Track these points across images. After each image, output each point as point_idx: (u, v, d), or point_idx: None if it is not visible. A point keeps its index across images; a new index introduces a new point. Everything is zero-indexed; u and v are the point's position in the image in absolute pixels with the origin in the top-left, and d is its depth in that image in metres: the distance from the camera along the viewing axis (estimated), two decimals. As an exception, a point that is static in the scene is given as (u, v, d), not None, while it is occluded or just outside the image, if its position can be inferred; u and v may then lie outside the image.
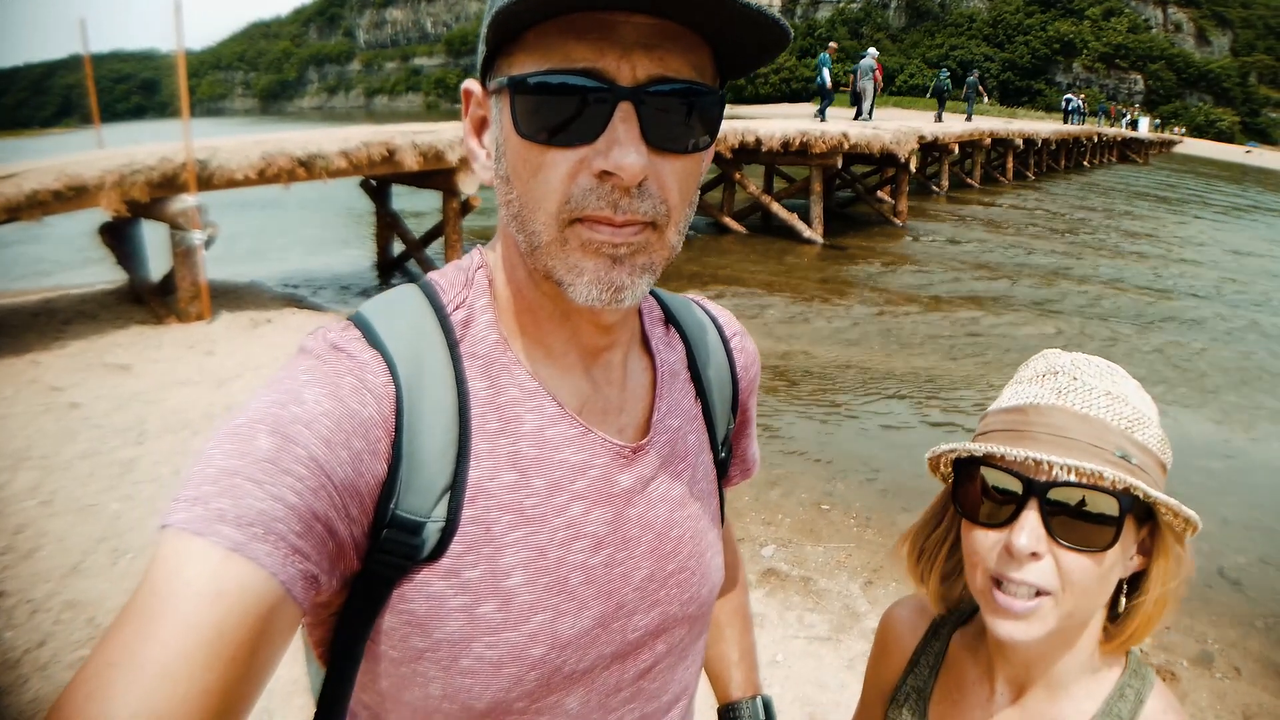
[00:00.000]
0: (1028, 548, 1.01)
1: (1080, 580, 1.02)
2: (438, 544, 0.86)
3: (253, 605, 0.71)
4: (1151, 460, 1.05)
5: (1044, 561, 1.02)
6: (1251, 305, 13.81)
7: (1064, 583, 1.02)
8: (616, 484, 0.98)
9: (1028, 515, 1.02)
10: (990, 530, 1.06)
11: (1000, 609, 1.05)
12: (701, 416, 1.13)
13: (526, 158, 0.84)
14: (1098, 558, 1.02)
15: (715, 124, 0.88)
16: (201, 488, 0.74)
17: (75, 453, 5.88)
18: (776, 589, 4.84)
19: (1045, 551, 1.02)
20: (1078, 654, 1.12)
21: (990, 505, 1.07)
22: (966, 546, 1.11)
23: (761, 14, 0.78)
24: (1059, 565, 1.02)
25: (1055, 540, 1.01)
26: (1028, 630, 1.04)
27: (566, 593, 0.93)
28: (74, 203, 8.57)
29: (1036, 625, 1.04)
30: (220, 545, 0.71)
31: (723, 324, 1.22)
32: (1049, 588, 1.02)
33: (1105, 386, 1.07)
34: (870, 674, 1.41)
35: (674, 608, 1.04)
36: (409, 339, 0.90)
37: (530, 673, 0.90)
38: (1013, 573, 1.03)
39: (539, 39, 0.81)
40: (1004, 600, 1.04)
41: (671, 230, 0.88)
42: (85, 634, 3.90)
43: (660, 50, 0.81)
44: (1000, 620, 1.05)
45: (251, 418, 0.79)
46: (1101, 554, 1.02)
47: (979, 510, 1.09)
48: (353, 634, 0.88)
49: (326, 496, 0.78)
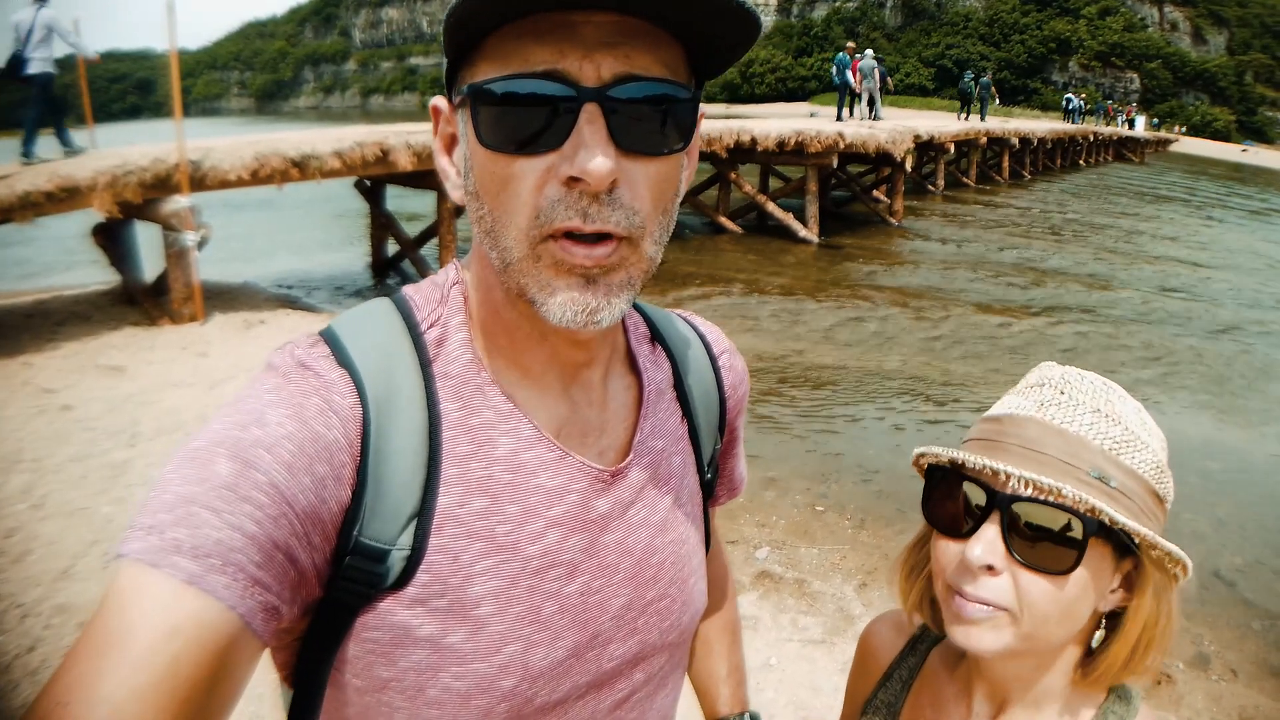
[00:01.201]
0: (981, 559, 0.97)
1: (1039, 602, 0.97)
2: (403, 572, 0.83)
3: (210, 640, 0.69)
4: (1139, 487, 1.00)
5: (1001, 578, 0.98)
6: (1249, 305, 13.82)
7: (1021, 603, 0.97)
8: (594, 509, 0.95)
9: (987, 528, 0.98)
10: (952, 541, 1.03)
11: (955, 615, 1.01)
12: (687, 436, 1.10)
13: (493, 170, 0.81)
14: (1058, 580, 0.97)
15: (690, 125, 0.85)
16: (158, 515, 0.71)
17: (67, 455, 5.86)
18: (770, 591, 4.82)
19: (1003, 567, 0.97)
20: (1055, 676, 1.08)
21: (955, 513, 1.04)
22: (933, 554, 1.08)
23: (728, 2, 0.75)
24: (1016, 583, 0.97)
25: (1013, 557, 0.97)
26: (981, 639, 0.99)
27: (539, 623, 0.90)
28: (67, 204, 8.56)
29: (990, 636, 0.99)
30: (176, 577, 0.69)
31: (710, 341, 1.19)
32: (1005, 605, 0.98)
33: (1094, 404, 1.03)
34: (849, 689, 1.39)
35: (653, 636, 1.01)
36: (379, 357, 0.87)
37: (500, 704, 0.87)
38: (967, 586, 0.99)
39: (498, 44, 0.79)
40: (957, 604, 1.00)
41: (647, 242, 0.84)
42: (75, 638, 3.87)
43: (625, 48, 0.78)
44: (955, 627, 1.02)
45: (211, 440, 0.76)
46: (1062, 577, 0.96)
47: (944, 518, 1.05)
48: (316, 661, 0.86)
49: (288, 524, 0.75)
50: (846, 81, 22.84)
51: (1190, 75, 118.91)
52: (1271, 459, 7.62)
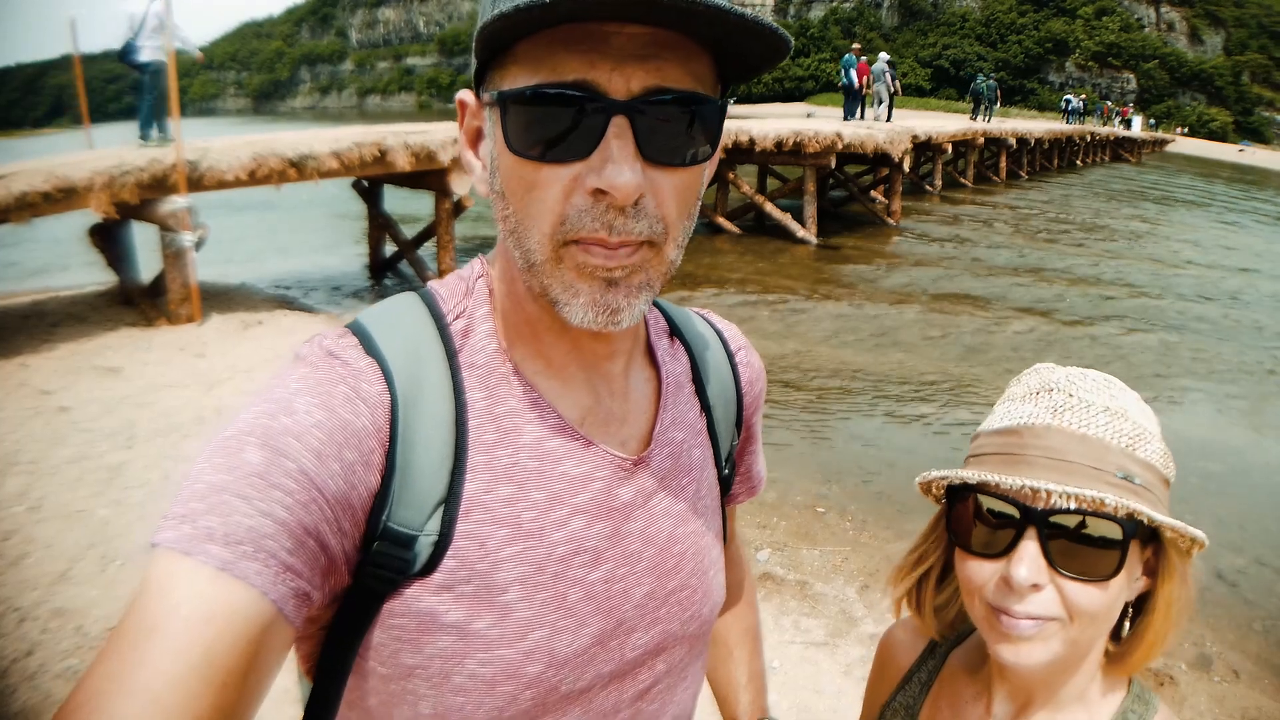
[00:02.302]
0: (1028, 580, 0.95)
1: (1087, 609, 0.97)
2: (430, 558, 0.84)
3: (243, 626, 0.69)
4: (1155, 477, 1.00)
5: (1046, 592, 0.97)
6: (1253, 306, 13.83)
7: (1070, 612, 0.97)
8: (618, 497, 0.95)
9: (1026, 545, 0.96)
10: (986, 560, 1.01)
11: (1004, 634, 1.00)
12: (705, 430, 1.11)
13: (520, 175, 0.82)
14: (1103, 586, 0.97)
15: (716, 134, 0.85)
16: (190, 504, 0.72)
17: (64, 457, 5.83)
18: (772, 593, 4.81)
19: (1046, 582, 0.97)
20: (1080, 677, 1.07)
21: (986, 533, 1.02)
22: (962, 575, 1.06)
23: (761, 25, 0.75)
24: (1063, 595, 0.97)
25: (1056, 570, 0.96)
26: (1032, 654, 0.99)
27: (565, 609, 0.90)
28: (63, 204, 8.51)
29: (1040, 649, 0.99)
30: (209, 565, 0.69)
31: (728, 338, 1.20)
32: (1054, 615, 0.98)
33: (1103, 402, 1.02)
34: (868, 694, 1.39)
35: (674, 626, 1.02)
36: (407, 347, 0.88)
37: (526, 691, 0.88)
38: (1014, 605, 0.98)
39: (529, 51, 0.79)
40: (1008, 624, 0.99)
41: (670, 246, 0.85)
42: (73, 643, 3.86)
43: (656, 60, 0.78)
44: (1005, 646, 1.00)
45: (241, 429, 0.77)
46: (1106, 582, 0.97)
47: (973, 538, 1.04)
48: (341, 650, 0.86)
49: (318, 510, 0.76)
50: (852, 83, 22.94)
51: (1187, 75, 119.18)
52: (1273, 458, 7.62)
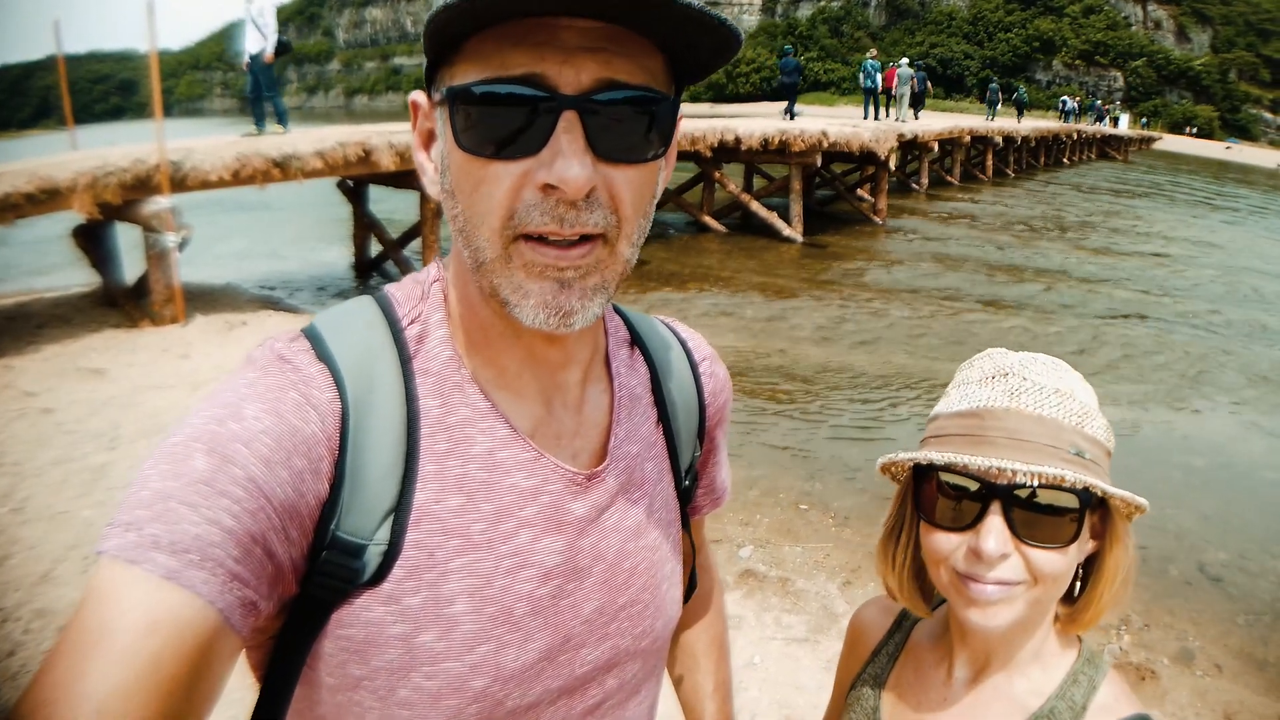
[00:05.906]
0: (997, 551, 1.03)
1: (1050, 572, 1.05)
2: (379, 568, 0.83)
3: (190, 635, 0.68)
4: (1100, 451, 1.09)
5: (1011, 559, 1.05)
6: (1232, 301, 13.90)
7: (1035, 576, 1.05)
8: (569, 512, 0.94)
9: (992, 520, 1.04)
10: (953, 533, 1.09)
11: (972, 599, 1.07)
12: (663, 443, 1.09)
13: (469, 171, 0.81)
14: (1063, 551, 1.05)
15: (669, 132, 0.85)
16: (135, 512, 0.71)
17: (48, 459, 5.81)
18: (754, 590, 4.83)
19: (1012, 551, 1.04)
20: (1034, 639, 1.15)
21: (950, 507, 1.09)
22: (927, 546, 1.13)
23: (709, 17, 0.75)
24: (1027, 561, 1.05)
25: (1020, 540, 1.04)
26: (999, 615, 1.06)
27: (511, 623, 0.89)
28: (47, 205, 8.47)
29: (1006, 611, 1.06)
30: (154, 573, 0.68)
31: (692, 348, 1.18)
32: (1020, 579, 1.06)
33: (1054, 384, 1.10)
34: (839, 671, 1.44)
35: (626, 641, 1.01)
36: (359, 353, 0.87)
37: (471, 706, 0.87)
38: (984, 573, 1.06)
39: (478, 47, 0.78)
40: (976, 590, 1.06)
41: (623, 243, 0.84)
42: (57, 638, 3.84)
43: (606, 54, 0.77)
44: (973, 610, 1.08)
45: (188, 435, 0.76)
46: (1066, 548, 1.05)
47: (938, 513, 1.11)
48: (289, 659, 0.85)
49: (265, 518, 0.75)
50: (876, 86, 23.51)
51: (1174, 73, 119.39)
52: (1255, 454, 7.67)
